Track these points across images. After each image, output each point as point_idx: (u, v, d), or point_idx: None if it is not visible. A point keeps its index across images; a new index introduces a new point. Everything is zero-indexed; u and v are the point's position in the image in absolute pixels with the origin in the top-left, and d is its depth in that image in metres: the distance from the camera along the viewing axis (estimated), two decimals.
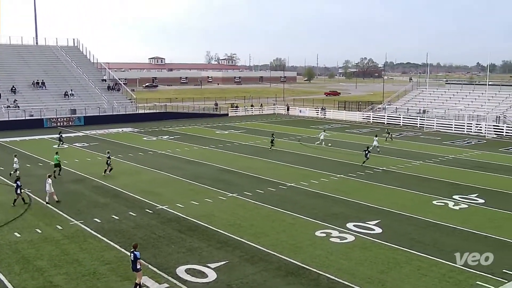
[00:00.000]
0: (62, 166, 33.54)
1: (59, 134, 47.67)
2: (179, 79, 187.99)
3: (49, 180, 26.79)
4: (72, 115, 64.14)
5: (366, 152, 37.34)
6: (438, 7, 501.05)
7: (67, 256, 19.28)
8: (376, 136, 44.35)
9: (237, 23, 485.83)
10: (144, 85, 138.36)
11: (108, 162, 33.81)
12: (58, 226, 22.81)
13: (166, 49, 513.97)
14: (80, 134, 54.86)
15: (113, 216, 24.39)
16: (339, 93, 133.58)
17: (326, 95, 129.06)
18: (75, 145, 46.76)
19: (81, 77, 75.40)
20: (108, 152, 35.52)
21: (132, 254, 16.22)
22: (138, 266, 16.14)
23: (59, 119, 62.22)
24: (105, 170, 33.64)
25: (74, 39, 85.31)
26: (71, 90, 69.99)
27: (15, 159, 33.42)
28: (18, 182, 26.16)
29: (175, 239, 21.25)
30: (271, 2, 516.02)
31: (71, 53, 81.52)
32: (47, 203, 26.42)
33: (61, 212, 24.96)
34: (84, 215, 24.53)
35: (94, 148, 44.98)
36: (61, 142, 46.28)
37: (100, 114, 65.98)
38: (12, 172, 32.53)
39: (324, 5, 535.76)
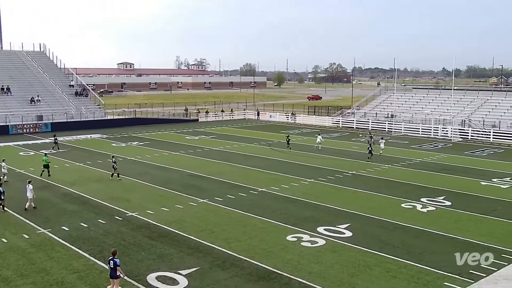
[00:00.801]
0: (35, 173, 33.67)
1: (53, 137, 48.11)
2: (149, 84, 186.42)
3: (30, 186, 26.49)
4: (39, 122, 62.93)
5: (370, 149, 42.48)
6: (405, 14, 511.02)
7: (34, 265, 18.87)
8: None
9: (207, 28, 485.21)
10: (99, 91, 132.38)
11: (114, 166, 34.08)
12: (24, 235, 22.32)
13: (135, 55, 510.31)
14: (47, 140, 53.84)
15: (82, 223, 24.00)
16: (321, 97, 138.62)
17: (309, 99, 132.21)
18: (42, 152, 45.77)
19: (48, 83, 74.10)
20: (112, 157, 35.51)
21: (112, 262, 16.01)
22: (118, 273, 15.97)
23: (25, 126, 60.99)
24: (112, 174, 33.81)
25: (40, 44, 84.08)
26: (38, 96, 68.69)
27: (3, 164, 33.32)
28: (0, 189, 25.76)
29: (145, 246, 21.04)
30: (240, 8, 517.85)
31: (37, 58, 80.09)
32: (25, 209, 26.13)
33: (27, 221, 24.44)
34: (52, 223, 24.07)
35: (61, 155, 44.19)
36: (56, 146, 46.51)
37: (68, 120, 64.96)
38: (1, 177, 32.05)
39: (293, 10, 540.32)
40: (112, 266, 15.99)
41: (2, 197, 25.84)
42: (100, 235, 22.34)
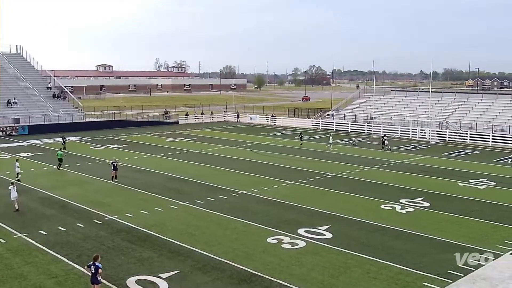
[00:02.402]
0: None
1: (61, 137, 48.74)
2: (128, 86, 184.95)
3: (15, 187, 26.51)
4: (16, 124, 61.90)
5: (383, 140, 47.43)
6: (382, 17, 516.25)
7: (11, 271, 18.53)
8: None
9: (186, 31, 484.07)
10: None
11: (116, 168, 33.85)
12: (1, 240, 21.91)
13: (114, 57, 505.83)
14: (24, 143, 53.03)
15: (60, 227, 23.67)
16: (309, 98, 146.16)
17: (303, 100, 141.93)
18: (19, 155, 45.12)
19: (25, 85, 72.99)
20: (114, 159, 35.13)
21: (93, 266, 15.78)
22: (99, 278, 15.77)
23: (1, 128, 59.96)
24: (112, 177, 33.68)
25: (17, 46, 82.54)
26: (14, 98, 67.58)
27: (17, 163, 34.05)
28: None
29: (125, 249, 20.83)
30: (219, 10, 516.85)
31: (13, 60, 78.75)
32: (16, 210, 26.08)
33: (4, 225, 24.00)
34: (29, 227, 23.67)
35: (39, 158, 43.56)
36: (63, 146, 46.83)
37: (45, 123, 64.00)
38: (16, 178, 33.00)
39: (273, 13, 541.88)
40: (94, 271, 15.76)
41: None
42: (79, 240, 22.05)
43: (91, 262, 15.98)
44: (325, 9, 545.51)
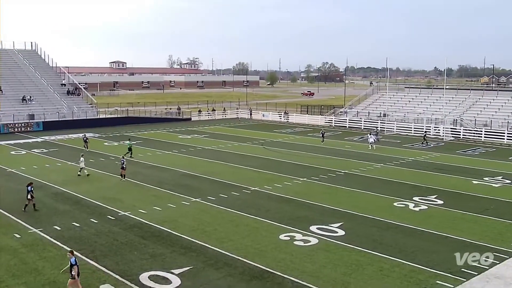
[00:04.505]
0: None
1: (83, 136, 47.48)
2: (141, 83, 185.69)
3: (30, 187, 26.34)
4: (31, 120, 62.50)
5: (424, 135, 50.61)
6: (396, 13, 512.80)
7: (26, 266, 18.74)
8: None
9: (200, 28, 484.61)
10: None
11: (124, 166, 33.55)
12: (16, 235, 22.17)
13: (128, 53, 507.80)
14: (39, 139, 53.55)
15: (74, 223, 23.87)
16: (313, 94, 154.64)
17: (304, 95, 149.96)
18: (34, 151, 45.61)
19: (40, 82, 73.67)
20: (122, 157, 34.98)
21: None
22: (73, 273, 15.77)
23: (16, 125, 60.58)
24: (123, 175, 33.46)
25: (32, 43, 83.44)
26: (29, 95, 68.28)
27: (82, 159, 34.64)
28: (29, 187, 25.81)
29: (138, 245, 20.95)
30: (233, 7, 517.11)
31: (29, 57, 79.51)
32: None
33: (19, 220, 24.27)
34: (44, 223, 23.91)
35: (53, 154, 43.97)
36: (86, 144, 45.96)
37: (60, 119, 64.57)
38: (80, 172, 34.35)
39: (286, 10, 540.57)
40: (69, 266, 15.83)
41: (31, 197, 25.89)
42: (92, 235, 22.23)
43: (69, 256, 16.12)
44: (339, 5, 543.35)
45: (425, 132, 54.41)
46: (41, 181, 32.77)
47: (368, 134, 49.96)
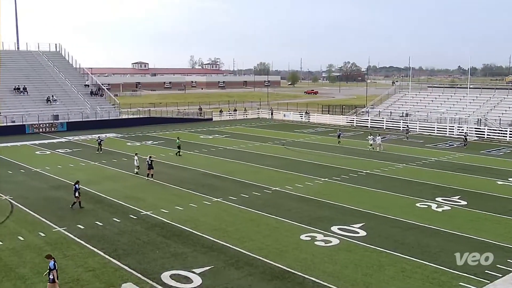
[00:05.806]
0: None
1: (98, 139, 46.78)
2: (163, 84, 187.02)
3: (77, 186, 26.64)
4: (55, 121, 63.46)
5: (465, 136, 49.79)
6: (418, 12, 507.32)
7: None
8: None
9: (221, 28, 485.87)
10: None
11: (150, 164, 33.58)
12: (40, 233, 22.56)
13: (150, 54, 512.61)
14: (63, 140, 54.36)
15: (97, 222, 24.19)
16: (317, 92, 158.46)
17: (307, 93, 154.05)
18: (58, 151, 46.32)
19: (64, 83, 74.77)
20: (150, 157, 34.59)
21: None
22: (51, 277, 15.84)
23: (41, 125, 61.57)
24: (148, 174, 33.66)
25: (56, 44, 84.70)
26: (54, 96, 69.37)
27: (136, 157, 35.72)
28: (76, 185, 26.39)
29: (160, 244, 21.14)
30: (254, 7, 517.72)
31: (53, 58, 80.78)
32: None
33: (43, 219, 24.69)
34: (67, 221, 24.28)
35: (77, 154, 44.59)
36: (100, 147, 45.52)
37: (83, 120, 65.44)
38: (135, 171, 35.14)
39: (307, 9, 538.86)
40: (48, 270, 15.89)
41: (78, 194, 26.47)
42: (115, 234, 22.50)
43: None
44: (361, 5, 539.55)
45: (466, 134, 52.43)
46: (65, 181, 33.25)
47: (369, 135, 49.28)
